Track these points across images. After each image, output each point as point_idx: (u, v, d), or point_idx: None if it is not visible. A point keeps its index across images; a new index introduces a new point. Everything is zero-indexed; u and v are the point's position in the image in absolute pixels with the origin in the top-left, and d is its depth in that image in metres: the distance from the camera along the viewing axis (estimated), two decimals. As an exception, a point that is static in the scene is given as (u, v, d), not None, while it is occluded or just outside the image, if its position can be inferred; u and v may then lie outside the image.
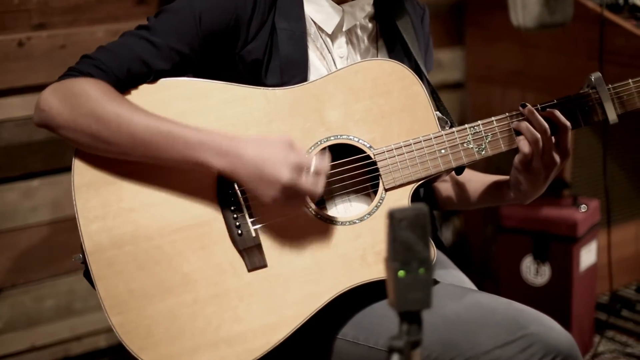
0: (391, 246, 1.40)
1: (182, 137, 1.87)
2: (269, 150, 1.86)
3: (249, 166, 1.85)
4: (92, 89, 1.88)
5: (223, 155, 1.86)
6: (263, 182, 1.85)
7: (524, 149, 2.00)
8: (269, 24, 2.03)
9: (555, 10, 2.82)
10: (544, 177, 2.04)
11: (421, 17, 2.26)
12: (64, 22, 2.98)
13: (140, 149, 1.88)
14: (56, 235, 3.01)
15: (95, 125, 1.87)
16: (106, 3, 3.06)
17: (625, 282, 3.92)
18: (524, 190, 2.07)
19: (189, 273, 1.91)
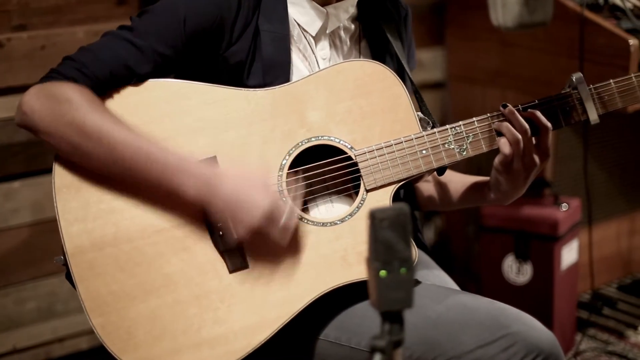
0: (372, 246, 1.40)
1: (161, 160, 1.86)
2: (246, 190, 1.86)
3: (224, 203, 1.85)
4: (76, 97, 1.87)
5: (199, 185, 1.85)
6: (235, 218, 1.86)
7: (504, 149, 2.00)
8: (252, 26, 2.03)
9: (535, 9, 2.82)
10: (524, 178, 2.04)
11: (404, 18, 2.26)
12: (44, 23, 2.97)
13: (118, 165, 1.87)
14: (37, 237, 3.00)
15: (76, 136, 1.86)
16: (86, 4, 3.05)
17: (607, 280, 3.94)
18: (504, 191, 2.08)
19: (170, 274, 1.90)
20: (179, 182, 1.86)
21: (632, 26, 3.15)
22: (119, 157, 1.86)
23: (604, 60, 3.09)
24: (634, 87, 2.09)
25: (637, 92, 2.09)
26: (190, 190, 1.85)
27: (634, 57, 3.01)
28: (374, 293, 1.42)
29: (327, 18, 2.09)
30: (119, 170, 1.88)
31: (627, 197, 3.92)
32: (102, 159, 1.87)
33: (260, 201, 1.85)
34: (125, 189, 1.92)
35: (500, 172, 2.04)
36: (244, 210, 1.84)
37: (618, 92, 2.08)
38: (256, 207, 1.84)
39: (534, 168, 2.03)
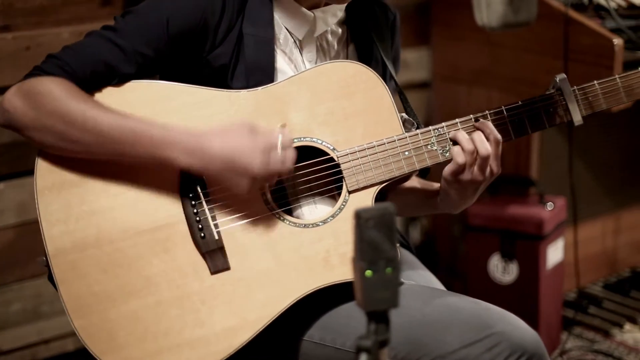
0: (358, 246, 1.41)
1: (147, 135, 1.86)
2: (235, 140, 1.86)
3: (218, 160, 1.86)
4: (57, 88, 1.87)
5: (190, 153, 1.86)
6: (235, 173, 1.86)
7: (458, 159, 1.98)
8: (236, 29, 2.03)
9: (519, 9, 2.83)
10: (473, 190, 2.04)
11: (391, 22, 2.26)
12: (29, 23, 2.96)
13: (106, 146, 1.87)
14: (22, 238, 3.00)
15: (60, 124, 1.86)
16: (71, 4, 3.04)
17: (592, 279, 3.95)
18: (452, 201, 2.08)
19: (152, 276, 1.90)
20: (169, 154, 1.86)
21: (617, 26, 3.16)
22: (107, 139, 1.86)
23: (589, 59, 3.10)
24: (618, 89, 2.09)
25: (621, 93, 2.09)
26: (180, 159, 1.86)
27: (619, 56, 3.01)
28: (359, 293, 1.42)
29: (314, 22, 2.09)
30: (106, 152, 1.88)
31: (613, 196, 3.94)
32: (90, 144, 1.87)
33: (252, 141, 1.86)
34: (108, 191, 1.92)
35: (449, 182, 2.03)
36: (242, 157, 1.85)
37: (602, 93, 2.08)
38: (250, 150, 1.85)
39: (483, 181, 2.01)
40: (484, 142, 1.98)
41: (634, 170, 3.99)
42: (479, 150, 1.98)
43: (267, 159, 1.86)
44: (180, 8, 1.97)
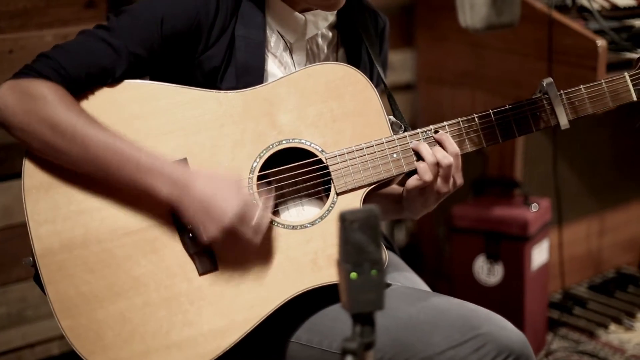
0: (343, 248, 1.41)
1: (134, 159, 1.86)
2: (219, 187, 1.86)
3: (196, 202, 1.85)
4: (51, 95, 1.86)
5: (172, 184, 1.85)
6: (207, 220, 1.85)
7: (424, 176, 1.99)
8: (229, 32, 2.03)
9: (502, 11, 2.83)
10: (435, 200, 2.05)
11: (381, 29, 2.26)
12: (12, 26, 2.94)
13: (92, 163, 1.87)
14: (6, 242, 2.98)
15: (49, 133, 1.85)
16: (55, 7, 3.03)
17: (577, 280, 3.97)
18: (414, 208, 2.10)
19: (140, 276, 1.90)
20: (151, 182, 1.85)
21: (600, 27, 3.17)
22: (92, 156, 1.86)
23: (573, 60, 3.11)
24: (604, 93, 2.10)
25: (607, 97, 2.10)
26: (162, 189, 1.85)
27: (602, 57, 3.02)
28: (344, 295, 1.42)
29: (305, 25, 2.09)
30: (91, 168, 1.87)
31: (597, 197, 3.95)
32: (75, 157, 1.86)
33: (232, 200, 1.85)
34: (96, 191, 1.91)
35: (411, 192, 2.04)
36: (216, 210, 1.84)
37: (588, 97, 2.09)
38: (228, 206, 1.84)
39: (446, 193, 2.03)
40: (443, 153, 2.00)
41: (618, 171, 4.01)
42: (440, 162, 1.99)
43: (239, 221, 1.85)
44: (174, 9, 1.97)
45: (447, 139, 2.01)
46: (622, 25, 3.27)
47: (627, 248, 4.17)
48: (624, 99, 2.11)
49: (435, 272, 3.76)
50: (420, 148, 2.01)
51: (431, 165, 1.99)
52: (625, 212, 4.09)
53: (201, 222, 1.86)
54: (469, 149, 2.06)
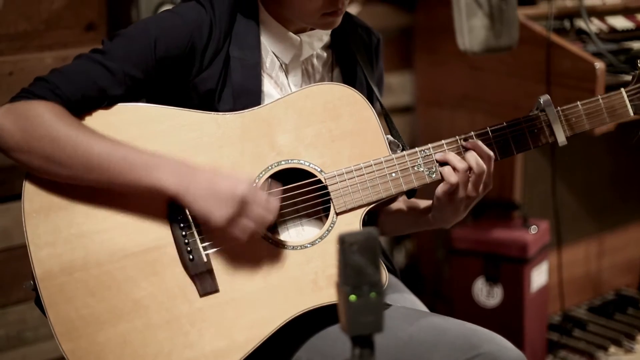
0: (342, 270, 1.41)
1: (137, 161, 1.86)
2: (223, 177, 1.87)
3: (203, 185, 1.85)
4: (47, 112, 1.87)
5: (177, 174, 1.86)
6: (216, 199, 1.85)
7: (450, 179, 2.00)
8: (223, 53, 2.03)
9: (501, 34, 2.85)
10: (466, 206, 2.05)
11: (375, 45, 2.27)
12: (12, 48, 2.95)
13: (95, 172, 1.87)
14: (5, 264, 2.98)
15: (49, 148, 1.86)
16: (55, 29, 3.04)
17: (577, 302, 3.96)
18: (446, 217, 2.09)
19: (140, 299, 1.89)
20: (157, 178, 1.86)
21: (598, 50, 3.18)
22: (96, 164, 1.86)
23: (571, 83, 3.12)
24: (601, 109, 2.10)
25: (604, 113, 2.11)
26: (169, 183, 1.85)
27: (600, 80, 3.03)
28: (343, 317, 1.42)
29: (300, 46, 2.10)
30: (95, 177, 1.87)
31: (596, 219, 3.95)
32: (78, 168, 1.86)
33: (237, 183, 1.85)
34: (96, 213, 1.91)
35: (442, 200, 2.04)
36: (225, 190, 1.84)
37: (585, 114, 2.10)
38: (236, 184, 1.85)
39: (476, 197, 2.03)
40: (477, 159, 1.99)
41: (617, 193, 4.02)
42: (473, 168, 1.99)
43: (252, 193, 1.86)
44: (168, 31, 1.98)
45: (479, 144, 2.02)
46: (620, 48, 3.29)
47: (627, 270, 4.16)
48: (621, 115, 2.12)
49: (435, 294, 3.75)
50: (449, 158, 2.01)
51: (461, 171, 1.99)
52: (625, 234, 4.10)
53: (211, 206, 1.86)
54: (468, 167, 2.06)
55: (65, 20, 3.06)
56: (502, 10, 2.83)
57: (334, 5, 2.00)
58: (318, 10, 1.99)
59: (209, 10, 2.02)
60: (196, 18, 2.01)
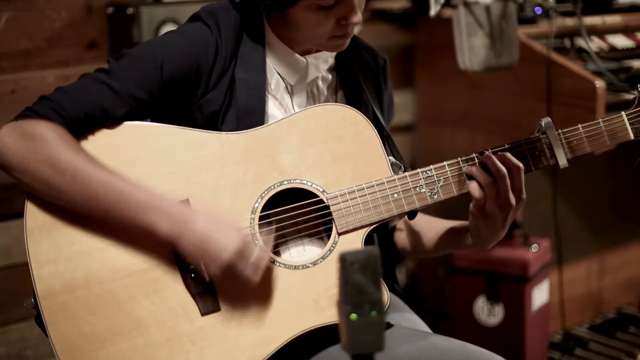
0: (343, 289, 1.41)
1: (134, 198, 1.86)
2: (218, 227, 1.86)
3: (196, 239, 1.85)
4: (50, 135, 1.87)
5: (172, 221, 1.85)
6: (206, 257, 1.85)
7: (475, 193, 1.99)
8: (229, 74, 2.03)
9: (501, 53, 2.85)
10: (502, 221, 2.02)
11: (382, 67, 2.27)
12: (14, 66, 2.97)
13: (91, 202, 1.86)
14: (6, 282, 2.98)
15: (49, 173, 1.86)
16: (57, 48, 3.05)
17: (578, 320, 3.96)
18: (483, 235, 2.06)
19: (141, 317, 1.89)
20: (152, 220, 1.85)
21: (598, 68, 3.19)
22: (93, 195, 1.85)
23: (571, 101, 3.13)
24: (602, 132, 2.10)
25: (604, 136, 2.10)
26: (162, 227, 1.85)
27: (601, 98, 3.04)
28: (344, 336, 1.42)
29: (306, 68, 2.10)
30: (92, 207, 1.87)
31: (597, 237, 3.96)
32: (76, 196, 1.86)
33: (231, 238, 1.84)
34: (97, 231, 1.91)
35: (476, 217, 2.03)
36: (216, 247, 1.84)
37: (586, 137, 2.10)
38: (226, 243, 1.84)
39: (510, 210, 2.01)
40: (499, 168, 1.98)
41: (618, 211, 4.02)
42: (496, 177, 1.98)
43: (238, 258, 1.85)
44: (174, 53, 1.98)
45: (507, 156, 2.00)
46: (621, 67, 3.30)
47: (628, 288, 4.16)
48: (621, 138, 2.12)
49: (436, 313, 3.75)
50: (473, 171, 2.01)
51: (487, 185, 1.98)
52: (625, 253, 4.10)
53: (201, 259, 1.86)
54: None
55: (67, 38, 3.07)
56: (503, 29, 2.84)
57: (343, 29, 2.00)
58: (327, 33, 2.00)
59: (214, 31, 2.02)
60: (202, 39, 2.01)
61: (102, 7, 3.13)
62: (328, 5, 1.96)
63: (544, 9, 3.39)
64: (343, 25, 1.99)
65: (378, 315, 1.41)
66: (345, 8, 1.97)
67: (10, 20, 2.94)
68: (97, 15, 3.13)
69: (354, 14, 1.98)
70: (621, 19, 3.59)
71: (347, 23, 1.99)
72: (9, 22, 2.94)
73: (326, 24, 1.98)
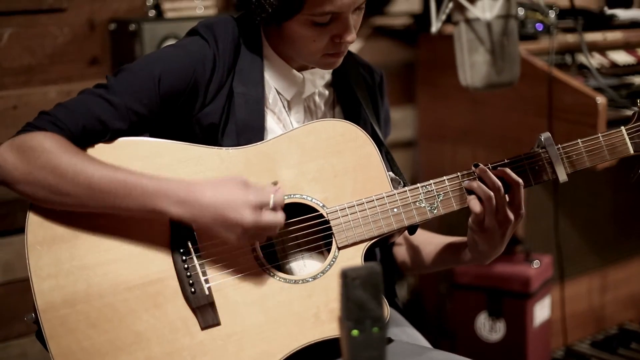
0: (344, 305, 1.41)
1: (138, 185, 1.87)
2: (227, 193, 1.86)
3: (210, 212, 1.85)
4: (47, 142, 1.88)
5: (181, 203, 1.86)
6: (225, 226, 1.86)
7: (475, 208, 1.99)
8: (226, 88, 2.04)
9: (502, 70, 2.85)
10: (500, 236, 2.03)
11: (378, 83, 2.27)
12: (16, 82, 2.98)
13: (97, 198, 1.87)
14: (7, 297, 2.98)
15: (51, 177, 1.86)
16: (59, 64, 3.06)
17: (580, 336, 3.95)
18: (482, 250, 2.06)
19: (142, 331, 1.89)
20: (160, 204, 1.86)
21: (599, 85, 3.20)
22: (97, 191, 1.86)
23: (573, 117, 3.13)
24: (601, 147, 2.10)
25: (604, 151, 2.10)
26: (173, 211, 1.86)
27: (602, 114, 3.04)
28: (346, 352, 1.42)
29: (303, 83, 2.10)
30: (98, 204, 1.88)
31: (598, 253, 3.95)
32: (82, 196, 1.87)
33: (243, 196, 1.85)
34: (98, 246, 1.92)
35: (475, 232, 2.03)
36: (232, 212, 1.85)
37: (586, 151, 2.10)
38: (242, 204, 1.85)
39: (508, 225, 2.01)
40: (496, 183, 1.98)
41: (619, 227, 4.02)
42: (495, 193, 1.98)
43: (257, 216, 1.86)
44: (172, 67, 1.99)
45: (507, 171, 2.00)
46: (622, 83, 3.31)
47: (630, 304, 4.16)
48: (621, 152, 2.12)
49: (438, 329, 3.74)
50: (473, 186, 2.01)
51: (487, 200, 1.98)
52: (627, 269, 4.09)
53: (223, 230, 1.87)
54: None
55: (69, 54, 3.08)
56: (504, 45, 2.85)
57: (337, 47, 2.01)
58: (321, 50, 2.01)
59: (212, 45, 2.03)
60: (200, 53, 2.02)
61: (104, 23, 3.15)
62: (323, 22, 1.97)
63: (545, 26, 3.40)
64: (337, 43, 2.00)
65: (379, 331, 1.41)
66: (340, 26, 1.98)
67: (12, 37, 2.95)
68: (99, 31, 3.14)
69: (348, 32, 1.99)
70: (622, 35, 3.60)
71: (341, 41, 1.99)
72: (11, 38, 2.95)
73: (320, 41, 1.99)
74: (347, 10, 1.96)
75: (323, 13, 1.95)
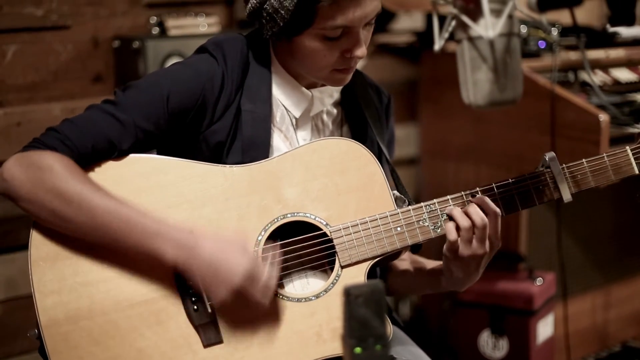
0: (347, 323, 1.41)
1: (140, 225, 1.86)
2: (226, 249, 1.86)
3: (204, 264, 1.85)
4: (57, 165, 1.88)
5: (178, 247, 1.86)
6: (215, 282, 1.85)
7: (450, 235, 1.98)
8: (234, 106, 2.04)
9: (505, 87, 2.85)
10: (475, 265, 2.02)
11: (385, 105, 2.27)
12: (20, 99, 2.98)
13: (98, 231, 1.87)
14: (10, 314, 2.98)
15: (56, 202, 1.87)
16: (62, 81, 3.07)
17: (583, 354, 3.94)
18: (456, 277, 2.05)
19: (144, 348, 1.89)
20: (158, 246, 1.86)
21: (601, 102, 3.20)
22: (99, 223, 1.86)
23: (575, 135, 3.13)
24: (606, 167, 2.10)
25: (609, 171, 2.10)
26: (168, 253, 1.86)
27: (605, 132, 3.04)
28: (349, 370, 1.42)
29: (312, 101, 2.11)
30: (98, 236, 1.88)
31: (602, 271, 3.94)
32: (82, 225, 1.87)
33: (240, 260, 1.85)
34: (102, 262, 1.92)
35: (449, 259, 2.02)
36: (225, 272, 1.84)
37: (590, 171, 2.09)
38: (237, 266, 1.84)
39: (484, 255, 2.00)
40: (479, 213, 1.98)
41: (623, 244, 4.01)
42: (475, 222, 1.97)
43: (248, 282, 1.85)
44: (180, 85, 1.99)
45: (485, 200, 2.00)
46: (624, 100, 3.31)
47: (633, 322, 4.15)
48: (626, 172, 2.12)
49: (440, 347, 3.74)
50: (453, 213, 2.00)
51: (463, 228, 1.97)
52: (631, 286, 4.08)
53: (210, 285, 1.86)
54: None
55: (72, 71, 3.09)
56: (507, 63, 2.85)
57: (347, 63, 2.01)
58: (331, 65, 2.01)
59: (220, 63, 2.03)
60: (208, 70, 2.02)
61: (108, 40, 3.15)
62: (334, 37, 1.97)
63: (548, 43, 3.40)
64: (347, 58, 2.00)
65: (382, 348, 1.41)
66: (351, 40, 1.98)
67: (16, 54, 2.96)
68: (103, 48, 3.15)
69: (358, 47, 1.99)
70: (625, 52, 3.60)
71: (352, 56, 1.99)
72: (15, 55, 2.96)
73: (330, 56, 1.99)
74: (359, 24, 1.96)
75: (334, 27, 1.95)
